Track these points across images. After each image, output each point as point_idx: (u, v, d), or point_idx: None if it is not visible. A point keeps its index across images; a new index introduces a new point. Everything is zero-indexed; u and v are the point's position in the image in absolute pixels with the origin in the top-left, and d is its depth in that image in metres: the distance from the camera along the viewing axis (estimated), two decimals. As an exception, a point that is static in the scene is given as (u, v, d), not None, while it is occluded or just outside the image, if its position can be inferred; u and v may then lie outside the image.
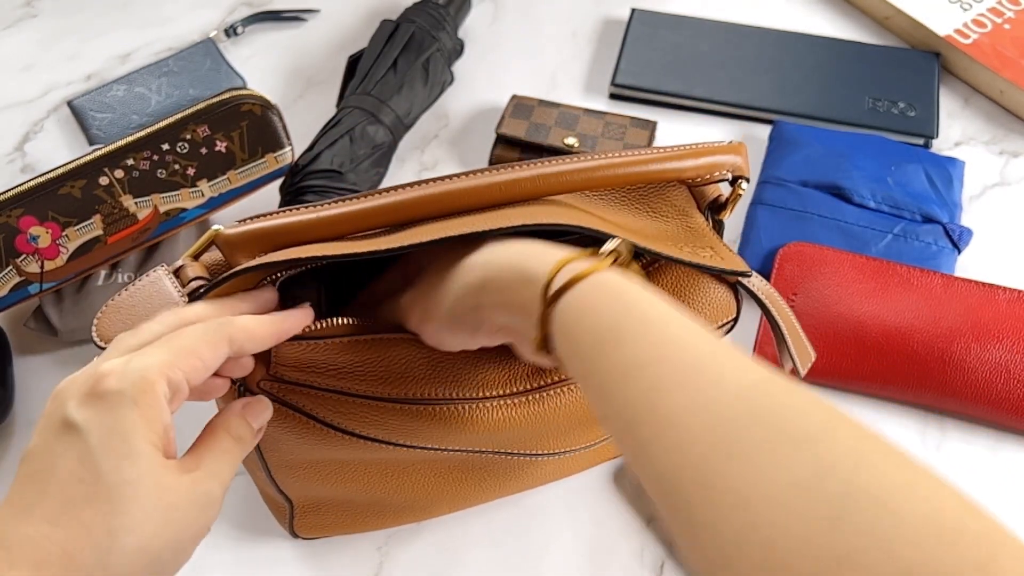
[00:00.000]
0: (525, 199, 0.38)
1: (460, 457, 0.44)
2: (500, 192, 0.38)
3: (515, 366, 0.41)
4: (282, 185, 0.61)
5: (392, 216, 0.37)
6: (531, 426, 0.42)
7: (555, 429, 0.43)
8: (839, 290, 0.57)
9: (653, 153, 0.39)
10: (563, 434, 0.44)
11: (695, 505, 0.26)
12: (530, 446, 0.44)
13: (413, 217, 0.38)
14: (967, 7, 0.74)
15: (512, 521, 0.52)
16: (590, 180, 0.38)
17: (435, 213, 0.38)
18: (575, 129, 0.65)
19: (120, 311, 0.37)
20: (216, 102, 0.54)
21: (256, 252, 0.37)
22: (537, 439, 0.44)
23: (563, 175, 0.38)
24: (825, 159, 0.63)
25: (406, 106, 0.66)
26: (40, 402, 0.57)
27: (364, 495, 0.46)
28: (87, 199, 0.54)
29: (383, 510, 0.48)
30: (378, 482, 0.45)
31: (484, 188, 0.37)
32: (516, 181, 0.38)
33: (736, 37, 0.74)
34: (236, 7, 0.79)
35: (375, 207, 0.37)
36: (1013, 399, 0.53)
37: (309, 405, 0.39)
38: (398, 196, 0.37)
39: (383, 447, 0.41)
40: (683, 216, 0.42)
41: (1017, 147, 0.68)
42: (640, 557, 0.50)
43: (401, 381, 0.39)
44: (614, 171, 0.38)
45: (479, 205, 0.38)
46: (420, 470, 0.45)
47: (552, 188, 0.38)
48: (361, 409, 0.39)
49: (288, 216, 0.37)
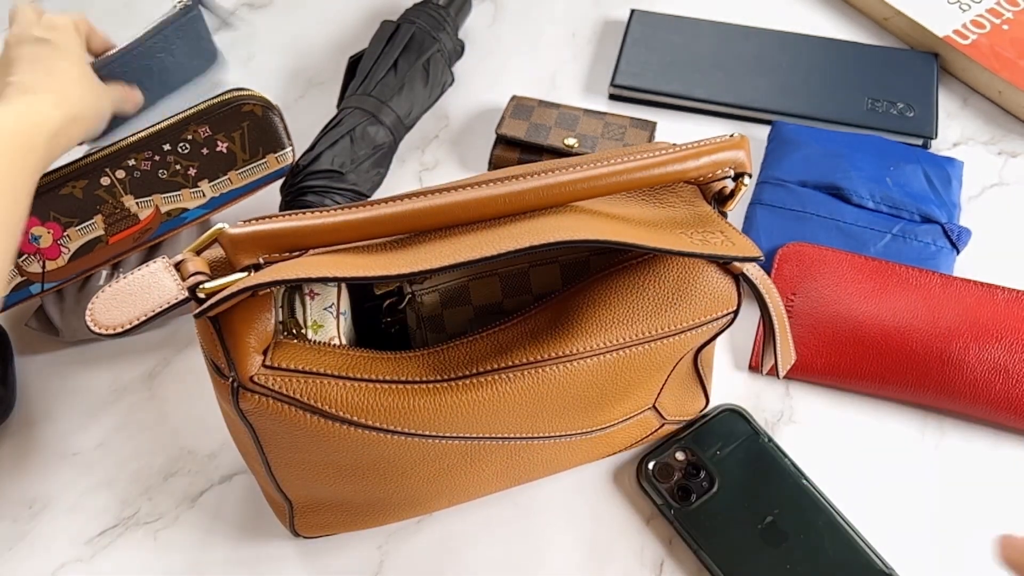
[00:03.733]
0: (531, 210, 0.39)
1: (457, 446, 0.44)
2: (506, 204, 0.38)
3: (505, 341, 0.41)
4: (283, 185, 0.61)
5: (398, 226, 0.38)
6: (525, 403, 0.42)
7: (550, 408, 0.43)
8: (838, 290, 0.57)
9: (656, 157, 0.40)
10: (559, 415, 0.44)
11: None
12: (525, 428, 0.44)
13: (420, 227, 0.38)
14: (966, 8, 0.74)
15: (512, 520, 0.52)
16: (595, 189, 0.39)
17: (443, 224, 0.38)
18: (575, 129, 0.65)
19: (116, 298, 0.37)
20: (217, 103, 0.55)
21: (259, 253, 0.37)
22: (532, 420, 0.44)
23: (569, 185, 0.38)
24: (824, 159, 0.64)
25: (407, 106, 0.66)
26: (42, 401, 0.57)
27: (363, 492, 0.47)
28: (89, 199, 0.54)
29: (383, 506, 0.48)
30: (376, 477, 0.45)
31: (491, 200, 0.38)
32: (522, 193, 0.38)
33: (735, 37, 0.74)
34: (236, 7, 0.79)
35: (381, 216, 0.38)
36: (1011, 398, 0.53)
37: (305, 393, 0.39)
38: (403, 206, 0.38)
39: (380, 436, 0.41)
40: (691, 205, 0.43)
41: (1015, 147, 0.68)
42: (640, 556, 0.50)
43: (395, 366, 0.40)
44: (619, 179, 0.39)
45: (487, 217, 0.38)
46: (418, 462, 0.45)
47: (558, 199, 0.39)
48: (355, 394, 0.39)
49: (293, 220, 0.37)
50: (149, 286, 0.37)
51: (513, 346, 0.41)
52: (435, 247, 0.37)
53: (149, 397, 0.57)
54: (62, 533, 0.52)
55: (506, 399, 0.41)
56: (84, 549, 0.52)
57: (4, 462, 0.55)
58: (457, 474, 0.47)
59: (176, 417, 0.57)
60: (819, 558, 0.49)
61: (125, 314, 0.37)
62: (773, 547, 0.49)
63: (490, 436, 0.44)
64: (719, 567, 0.48)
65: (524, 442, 0.46)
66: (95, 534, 0.52)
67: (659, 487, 0.51)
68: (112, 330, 0.37)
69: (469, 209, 0.38)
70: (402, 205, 0.38)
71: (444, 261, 0.36)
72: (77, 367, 0.59)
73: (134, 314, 0.37)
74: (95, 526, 0.52)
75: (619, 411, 0.47)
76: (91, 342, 0.59)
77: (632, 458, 0.54)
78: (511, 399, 0.41)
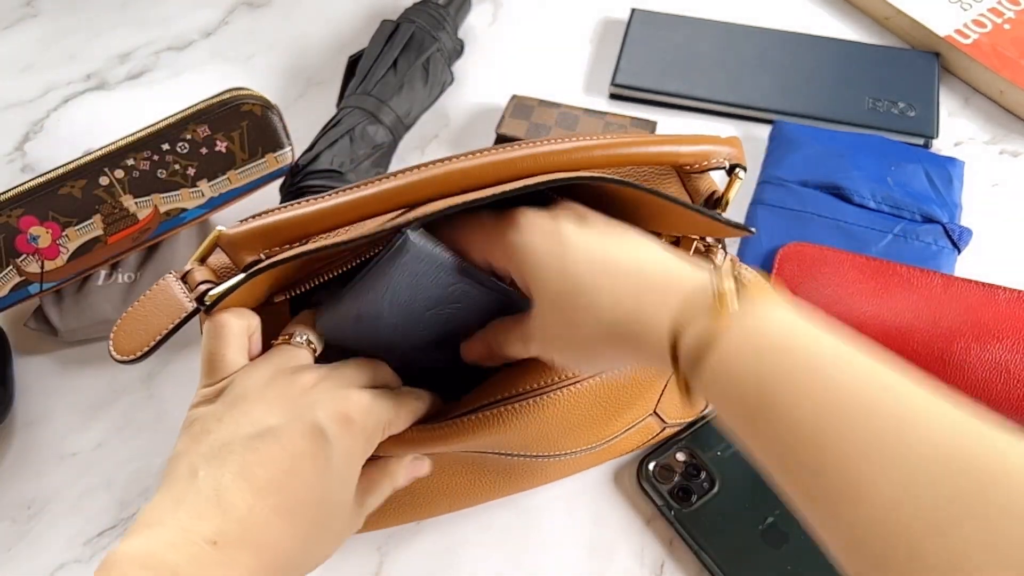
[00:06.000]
0: (525, 177, 0.38)
1: (459, 456, 0.44)
2: (498, 171, 0.37)
3: (514, 369, 0.41)
4: (282, 185, 0.61)
5: (395, 201, 0.37)
6: (530, 430, 0.41)
7: (557, 432, 0.43)
8: (839, 290, 0.57)
9: (652, 136, 0.40)
10: (564, 436, 0.44)
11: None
12: (530, 448, 0.44)
13: (421, 199, 0.37)
14: (967, 7, 0.74)
15: (512, 521, 0.52)
16: (591, 159, 0.38)
17: (437, 195, 0.37)
18: (575, 129, 0.65)
19: (135, 321, 0.37)
20: (216, 102, 0.54)
21: (260, 249, 0.37)
22: (536, 442, 0.43)
23: (564, 153, 0.38)
24: (825, 159, 0.63)
25: (406, 106, 0.66)
26: (40, 402, 0.57)
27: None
28: (87, 199, 0.54)
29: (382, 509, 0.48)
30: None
31: (483, 167, 0.37)
32: (514, 160, 0.38)
33: (736, 37, 0.74)
34: (236, 7, 0.79)
35: (376, 193, 0.37)
36: (1013, 399, 0.53)
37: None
38: (398, 181, 0.37)
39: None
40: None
41: (1017, 147, 0.68)
42: (640, 557, 0.50)
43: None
44: (612, 151, 0.38)
45: (481, 184, 0.38)
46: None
47: (551, 166, 0.38)
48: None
49: (289, 210, 0.37)
50: (162, 303, 0.37)
51: (516, 374, 0.40)
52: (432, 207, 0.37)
53: (148, 397, 0.57)
54: (60, 534, 0.52)
55: (510, 426, 0.40)
56: (83, 550, 0.51)
57: (3, 463, 0.55)
58: (458, 478, 0.47)
59: (175, 417, 0.56)
60: (820, 559, 0.48)
61: (143, 337, 0.36)
62: (774, 548, 0.49)
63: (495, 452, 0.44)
64: (720, 568, 0.48)
65: (527, 459, 0.45)
66: (94, 535, 0.52)
67: (659, 488, 0.51)
68: (132, 355, 0.36)
69: (467, 176, 0.37)
70: (400, 179, 0.37)
71: (439, 206, 0.35)
72: (76, 367, 0.58)
73: (150, 335, 0.37)
74: (94, 527, 0.52)
75: (622, 423, 0.47)
76: (89, 342, 0.59)
77: (632, 459, 0.53)
78: (516, 426, 0.40)
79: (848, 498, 0.25)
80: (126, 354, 0.36)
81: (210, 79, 0.74)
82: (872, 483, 0.24)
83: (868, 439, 0.25)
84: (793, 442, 0.26)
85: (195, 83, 0.74)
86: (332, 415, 0.34)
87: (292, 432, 0.33)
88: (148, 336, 0.37)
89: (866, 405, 0.26)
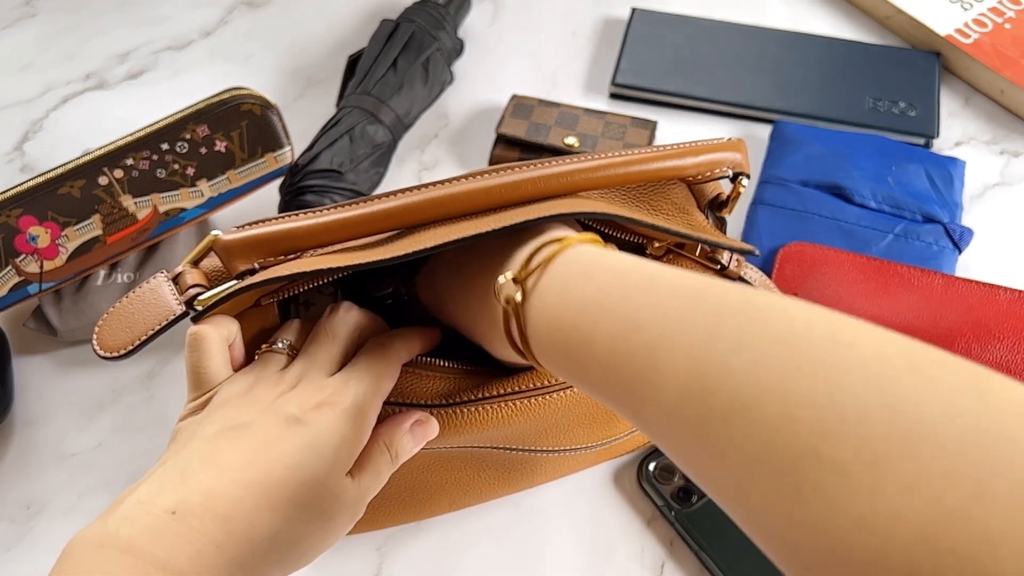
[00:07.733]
0: (528, 201, 0.38)
1: (459, 451, 0.44)
2: (502, 194, 0.37)
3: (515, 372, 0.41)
4: (282, 185, 0.61)
5: (394, 221, 0.37)
6: (532, 424, 0.41)
7: (556, 426, 0.43)
8: (840, 290, 0.57)
9: (653, 152, 0.39)
10: (565, 432, 0.44)
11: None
12: (530, 442, 0.44)
13: (415, 222, 0.37)
14: (968, 7, 0.74)
15: (512, 521, 0.52)
16: (591, 180, 0.38)
17: (437, 218, 0.37)
18: (575, 129, 0.65)
19: (121, 318, 0.37)
20: (216, 102, 0.54)
21: (254, 258, 0.37)
22: (537, 436, 0.43)
23: (564, 176, 0.38)
24: (826, 159, 0.63)
25: (406, 106, 0.66)
26: (40, 402, 0.57)
27: None
28: (86, 199, 0.54)
29: (381, 508, 0.48)
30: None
31: (486, 191, 0.37)
32: (517, 183, 0.37)
33: (736, 37, 0.73)
34: (235, 6, 0.79)
35: (375, 212, 0.37)
36: (1014, 399, 0.53)
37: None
38: (398, 201, 0.37)
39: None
40: (684, 214, 0.42)
41: (1018, 147, 0.68)
42: (640, 557, 0.50)
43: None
44: (615, 171, 0.38)
45: (482, 208, 0.37)
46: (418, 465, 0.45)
47: (553, 189, 0.38)
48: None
49: (286, 222, 0.37)
50: (150, 303, 0.37)
51: (520, 371, 0.40)
52: (431, 234, 0.37)
53: (147, 398, 0.57)
54: (60, 534, 0.52)
55: (512, 421, 0.40)
56: (82, 550, 0.51)
57: (2, 463, 0.55)
58: (459, 476, 0.47)
59: (175, 418, 0.56)
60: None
61: (128, 335, 0.36)
62: (774, 549, 0.49)
63: (494, 446, 0.44)
64: (720, 569, 0.48)
65: (528, 454, 0.45)
66: (93, 535, 0.52)
67: (660, 489, 0.51)
68: (116, 352, 0.36)
69: (464, 200, 0.37)
70: (396, 200, 0.37)
71: (438, 240, 0.35)
72: (75, 367, 0.58)
73: (136, 334, 0.36)
74: (93, 527, 0.52)
75: (626, 424, 0.47)
76: (89, 342, 0.59)
77: (632, 460, 0.53)
78: (518, 422, 0.41)
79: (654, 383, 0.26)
80: (109, 351, 0.36)
81: (209, 79, 0.74)
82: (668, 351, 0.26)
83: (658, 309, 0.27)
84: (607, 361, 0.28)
85: (194, 83, 0.74)
86: (305, 406, 0.34)
87: (266, 423, 0.33)
88: (134, 335, 0.36)
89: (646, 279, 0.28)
